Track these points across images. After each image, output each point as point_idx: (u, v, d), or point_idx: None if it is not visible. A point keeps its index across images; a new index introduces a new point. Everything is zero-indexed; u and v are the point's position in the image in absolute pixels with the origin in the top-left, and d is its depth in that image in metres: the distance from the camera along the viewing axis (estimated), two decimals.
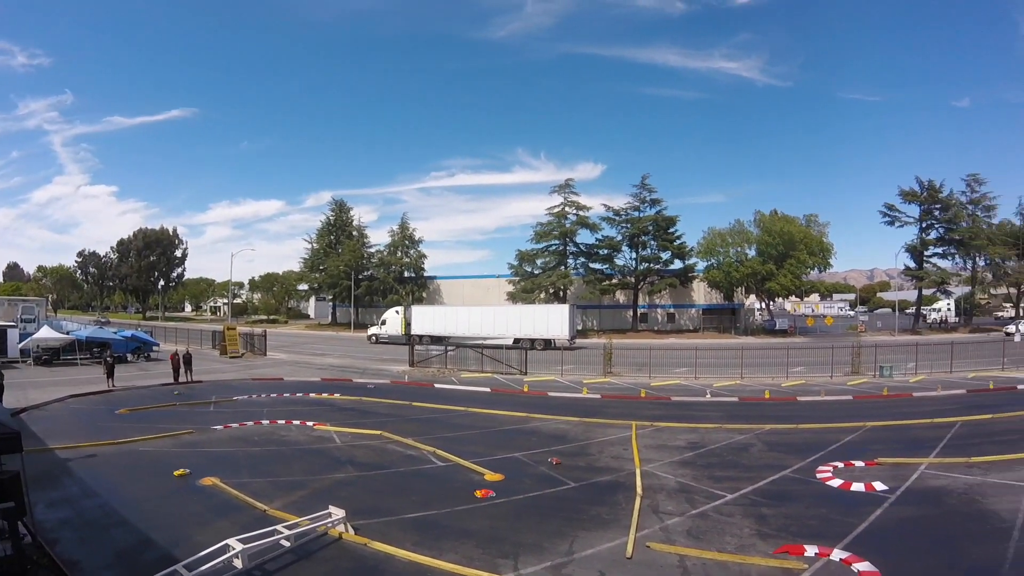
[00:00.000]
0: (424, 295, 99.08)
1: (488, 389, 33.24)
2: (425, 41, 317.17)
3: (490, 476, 16.23)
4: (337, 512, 12.12)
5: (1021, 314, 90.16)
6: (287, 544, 11.15)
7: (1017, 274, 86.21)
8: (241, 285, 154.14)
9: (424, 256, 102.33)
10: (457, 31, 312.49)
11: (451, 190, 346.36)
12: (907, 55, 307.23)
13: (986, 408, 27.09)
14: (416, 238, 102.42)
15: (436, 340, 58.46)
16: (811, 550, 11.39)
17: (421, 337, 61.48)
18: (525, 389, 33.04)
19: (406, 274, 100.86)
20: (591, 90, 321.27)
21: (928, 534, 12.90)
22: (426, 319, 66.56)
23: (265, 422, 23.89)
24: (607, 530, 12.29)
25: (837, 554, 11.26)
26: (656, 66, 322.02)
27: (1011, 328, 69.45)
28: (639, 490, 14.90)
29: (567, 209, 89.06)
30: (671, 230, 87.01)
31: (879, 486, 15.76)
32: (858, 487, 15.72)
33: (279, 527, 11.40)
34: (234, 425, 23.34)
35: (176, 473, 16.58)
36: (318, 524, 11.88)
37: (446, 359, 42.70)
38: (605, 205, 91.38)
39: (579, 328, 75.47)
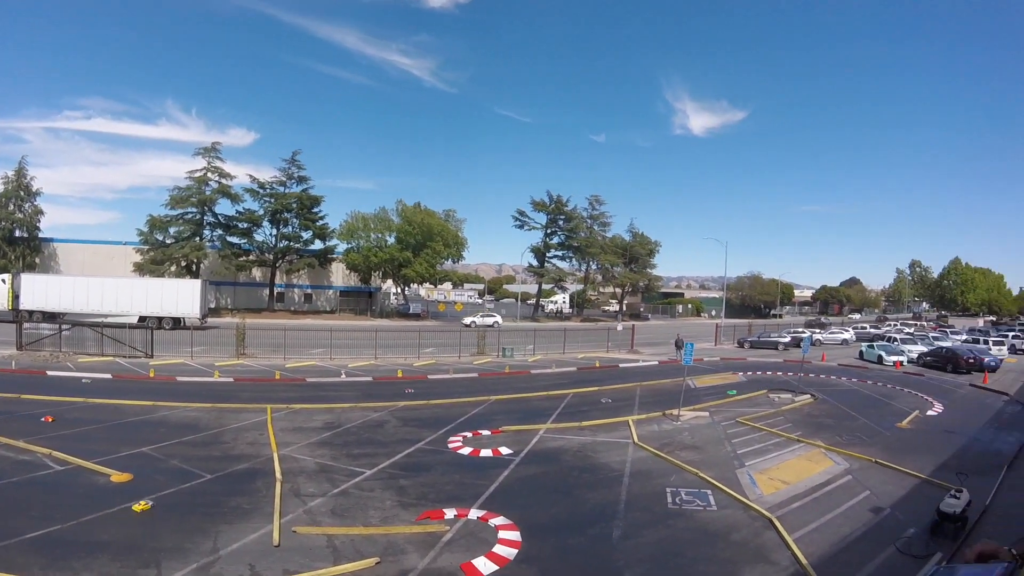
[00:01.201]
0: (37, 261, 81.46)
1: (110, 375, 29.36)
2: None
3: (117, 477, 14.17)
4: None
5: (624, 309, 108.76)
6: None
7: (622, 277, 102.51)
8: None
9: (41, 213, 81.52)
10: None
11: (85, 135, 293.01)
12: (561, 91, 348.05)
13: (593, 382, 31.17)
14: (34, 189, 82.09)
15: (50, 317, 51.08)
16: (450, 513, 12.07)
17: (31, 313, 52.45)
18: (151, 374, 29.90)
19: (17, 233, 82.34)
20: (260, 53, 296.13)
21: (552, 487, 14.49)
22: (38, 291, 55.83)
23: None
24: (251, 520, 11.62)
25: (474, 513, 12.10)
26: (333, 44, 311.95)
27: (619, 327, 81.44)
28: (279, 475, 14.34)
29: (210, 175, 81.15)
30: (315, 209, 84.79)
31: (505, 450, 17.28)
32: (486, 453, 17.03)
33: None
34: None
35: None
36: None
37: (61, 340, 36.86)
38: (251, 176, 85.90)
39: (212, 306, 69.49)
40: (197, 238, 79.74)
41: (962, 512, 11.93)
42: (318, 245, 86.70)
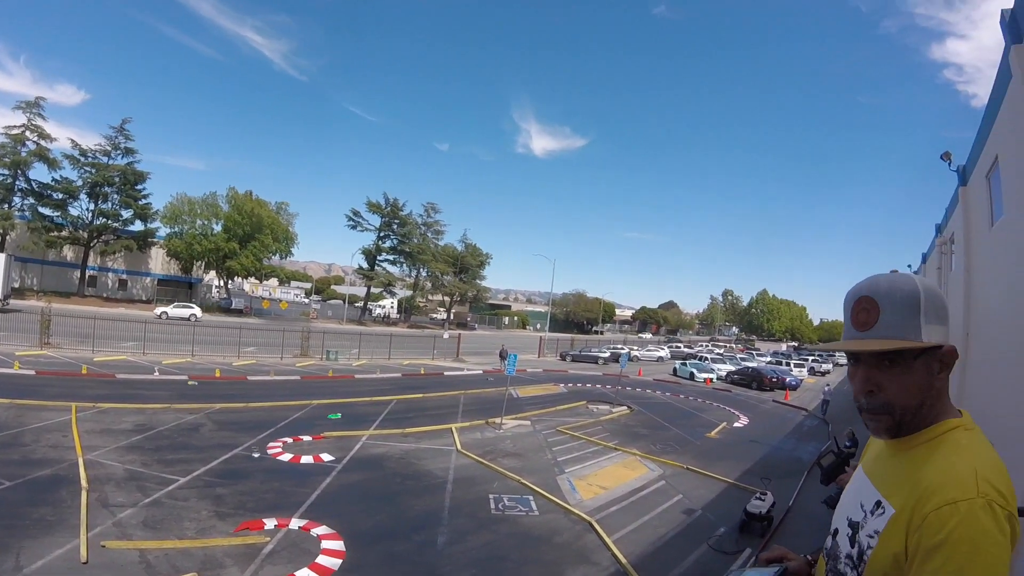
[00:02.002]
0: None
1: None
2: None
3: None
4: None
5: (451, 318, 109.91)
6: None
7: (451, 286, 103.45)
8: None
9: None
10: None
11: None
12: (412, 95, 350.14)
13: (418, 389, 31.19)
14: None
15: None
16: (270, 523, 11.63)
17: None
18: None
19: None
20: (103, 3, 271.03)
21: (375, 494, 14.37)
22: None
23: None
24: (55, 534, 10.53)
25: (296, 522, 11.75)
26: (185, 8, 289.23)
27: (446, 335, 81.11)
28: (85, 483, 13.10)
29: (28, 134, 70.47)
30: (139, 187, 77.32)
31: (327, 457, 16.91)
32: (307, 459, 16.56)
33: None
34: None
35: None
36: None
37: None
38: (73, 140, 74.61)
39: (15, 286, 62.32)
40: (6, 205, 69.83)
41: (767, 512, 13.40)
42: (138, 226, 78.77)
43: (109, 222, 75.08)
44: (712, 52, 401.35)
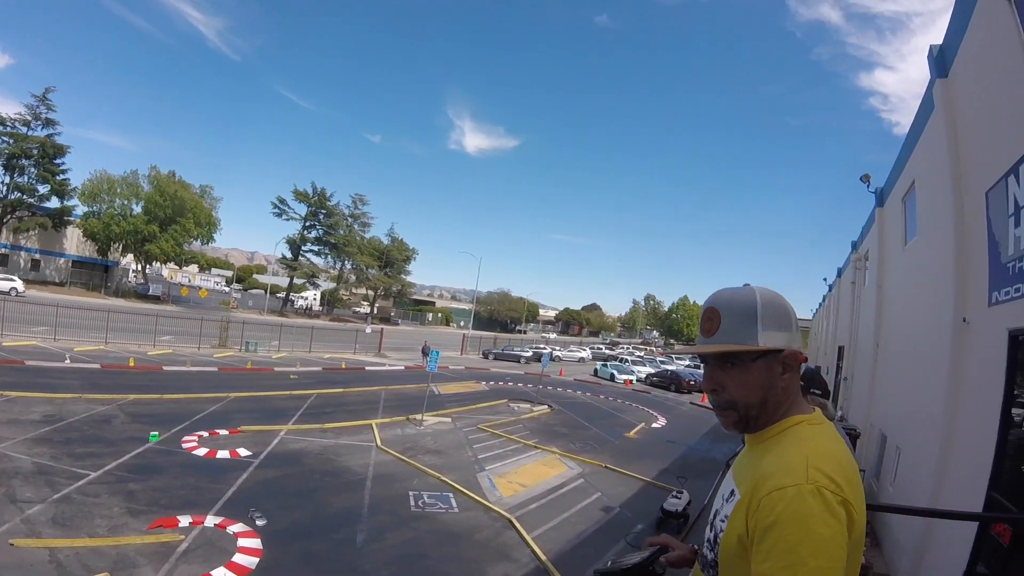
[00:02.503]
0: None
1: None
2: None
3: None
4: None
5: (375, 312, 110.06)
6: None
7: (376, 280, 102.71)
8: None
9: None
10: None
11: None
12: (347, 83, 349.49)
13: (338, 383, 30.98)
14: None
15: None
16: (185, 520, 11.37)
17: None
18: None
19: None
20: None
21: (293, 491, 14.20)
22: None
23: None
24: None
25: (211, 520, 11.52)
26: None
27: (368, 329, 79.90)
28: None
29: None
30: (58, 161, 72.01)
31: (243, 452, 16.61)
32: (223, 454, 16.22)
33: None
34: None
35: None
36: None
37: None
38: None
39: None
40: None
41: (683, 510, 14.01)
42: (55, 203, 73.78)
43: (24, 197, 70.38)
44: (648, 65, 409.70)
